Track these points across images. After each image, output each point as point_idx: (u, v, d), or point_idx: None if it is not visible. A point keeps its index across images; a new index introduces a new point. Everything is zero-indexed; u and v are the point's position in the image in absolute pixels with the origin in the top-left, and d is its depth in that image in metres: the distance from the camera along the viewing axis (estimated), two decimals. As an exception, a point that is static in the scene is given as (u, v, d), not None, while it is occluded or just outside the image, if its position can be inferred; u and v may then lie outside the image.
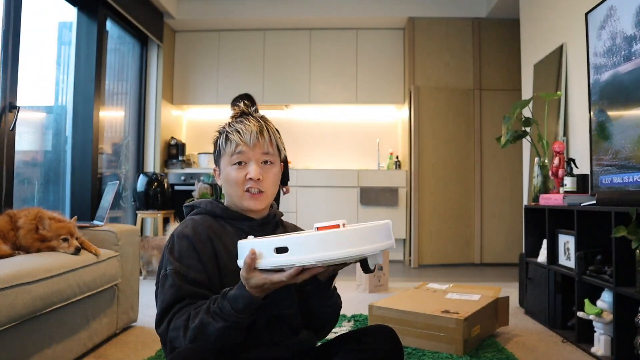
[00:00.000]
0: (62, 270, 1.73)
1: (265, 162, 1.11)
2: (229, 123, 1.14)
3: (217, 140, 1.15)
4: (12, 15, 2.58)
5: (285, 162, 4.28)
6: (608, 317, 1.89)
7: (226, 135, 1.12)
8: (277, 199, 4.46)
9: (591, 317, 1.94)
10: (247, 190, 1.09)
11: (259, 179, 1.09)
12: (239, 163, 1.10)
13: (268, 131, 1.12)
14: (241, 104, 1.18)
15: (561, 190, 2.48)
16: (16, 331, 1.49)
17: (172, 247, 1.05)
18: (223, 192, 1.17)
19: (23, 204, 2.88)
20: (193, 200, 1.17)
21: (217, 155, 1.15)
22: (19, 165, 2.78)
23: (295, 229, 1.24)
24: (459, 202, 4.54)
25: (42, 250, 1.82)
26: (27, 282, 1.52)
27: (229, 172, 1.10)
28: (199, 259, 1.03)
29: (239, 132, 1.10)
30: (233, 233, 1.10)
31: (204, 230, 1.07)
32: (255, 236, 1.01)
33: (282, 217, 1.25)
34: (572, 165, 2.46)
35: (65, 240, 1.87)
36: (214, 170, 1.18)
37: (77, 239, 1.93)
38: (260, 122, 1.13)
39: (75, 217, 2.06)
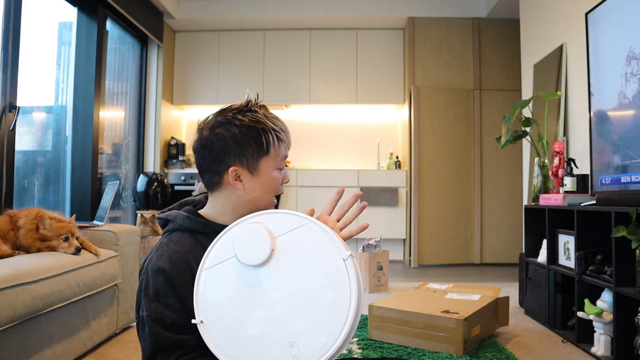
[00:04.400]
0: (62, 270, 1.73)
1: None
2: (267, 117, 0.97)
3: (250, 137, 0.94)
4: (12, 15, 2.58)
5: None
6: (608, 317, 1.89)
7: (276, 134, 0.96)
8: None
9: (591, 317, 1.95)
10: (276, 195, 1.01)
11: None
12: (280, 168, 0.99)
13: None
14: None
15: (561, 190, 2.48)
16: (16, 331, 1.49)
17: (147, 285, 0.91)
18: (240, 197, 0.98)
19: (23, 204, 2.88)
20: (167, 211, 1.01)
21: (252, 155, 0.95)
22: (19, 165, 2.78)
23: None
24: (459, 202, 4.54)
25: (43, 250, 1.82)
26: (27, 282, 1.52)
27: (274, 177, 0.98)
28: (177, 296, 0.89)
29: (285, 132, 0.98)
30: None
31: (182, 258, 0.92)
32: None
33: None
34: (572, 165, 2.46)
35: (66, 240, 1.87)
36: (233, 170, 0.95)
37: (77, 238, 1.93)
38: None
39: (74, 215, 2.06)
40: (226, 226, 0.95)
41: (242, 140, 0.94)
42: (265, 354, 0.81)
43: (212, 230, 0.96)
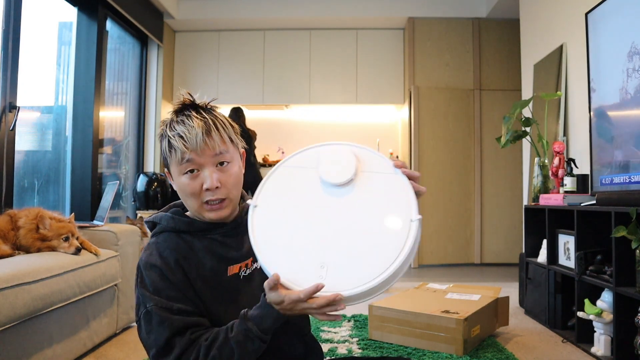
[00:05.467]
0: (62, 270, 1.73)
1: (222, 162, 0.95)
2: (170, 123, 0.96)
3: (161, 144, 0.98)
4: (12, 15, 2.58)
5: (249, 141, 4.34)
6: (608, 317, 1.89)
7: (169, 142, 0.94)
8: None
9: (591, 317, 1.94)
10: (206, 202, 0.94)
11: (217, 187, 0.93)
12: (191, 171, 0.93)
13: (217, 128, 0.94)
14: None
15: (561, 190, 2.48)
16: (16, 331, 1.49)
17: (143, 281, 0.91)
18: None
19: (23, 204, 2.88)
20: (154, 214, 1.01)
21: (165, 161, 0.99)
22: (19, 165, 2.78)
23: None
24: (459, 202, 4.54)
25: (43, 250, 1.83)
26: (27, 282, 1.52)
27: (182, 182, 0.94)
28: (177, 288, 0.90)
29: (182, 137, 0.92)
30: (203, 249, 0.96)
31: (171, 254, 0.92)
32: (229, 239, 0.98)
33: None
34: (572, 165, 2.46)
35: (66, 239, 1.87)
36: (167, 173, 1.01)
37: (77, 238, 1.93)
38: (205, 118, 0.94)
39: (73, 214, 2.06)
40: (207, 224, 0.98)
41: (160, 146, 0.99)
42: (294, 260, 0.82)
43: (196, 228, 0.97)
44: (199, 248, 0.96)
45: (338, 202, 0.85)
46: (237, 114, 4.53)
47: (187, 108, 0.97)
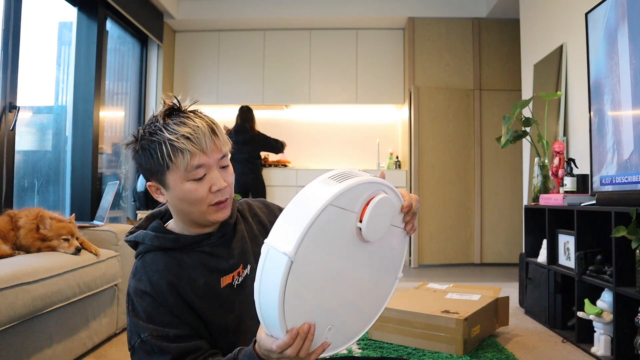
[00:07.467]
0: (62, 270, 1.73)
1: (224, 166, 0.92)
2: (164, 127, 0.87)
3: (149, 153, 0.88)
4: (12, 15, 2.58)
5: (257, 138, 4.32)
6: (608, 317, 1.89)
7: (172, 145, 0.86)
8: (262, 191, 4.50)
9: (591, 317, 1.95)
10: (214, 204, 0.90)
11: (225, 187, 0.91)
12: (196, 176, 0.88)
13: (218, 128, 0.92)
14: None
15: (561, 190, 2.48)
16: (16, 331, 1.49)
17: (135, 309, 0.88)
18: (172, 209, 0.95)
19: (23, 204, 2.88)
20: (133, 232, 0.96)
21: (157, 171, 0.89)
22: (19, 165, 2.78)
23: (250, 209, 1.07)
24: (459, 202, 4.54)
25: (43, 250, 1.83)
26: (27, 282, 1.52)
27: (189, 190, 0.88)
28: (171, 314, 0.87)
29: (189, 138, 0.86)
30: (193, 265, 0.92)
31: (161, 278, 0.89)
32: (219, 249, 0.94)
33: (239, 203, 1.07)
34: (572, 165, 2.46)
35: (66, 240, 1.87)
36: (150, 186, 0.93)
37: (77, 238, 1.93)
38: (204, 118, 0.92)
39: (74, 214, 2.06)
40: (194, 237, 0.93)
41: (143, 158, 0.90)
42: (317, 319, 0.76)
43: (183, 244, 0.93)
44: (189, 264, 0.92)
45: (361, 255, 0.80)
46: (248, 114, 4.48)
47: (176, 112, 0.91)
